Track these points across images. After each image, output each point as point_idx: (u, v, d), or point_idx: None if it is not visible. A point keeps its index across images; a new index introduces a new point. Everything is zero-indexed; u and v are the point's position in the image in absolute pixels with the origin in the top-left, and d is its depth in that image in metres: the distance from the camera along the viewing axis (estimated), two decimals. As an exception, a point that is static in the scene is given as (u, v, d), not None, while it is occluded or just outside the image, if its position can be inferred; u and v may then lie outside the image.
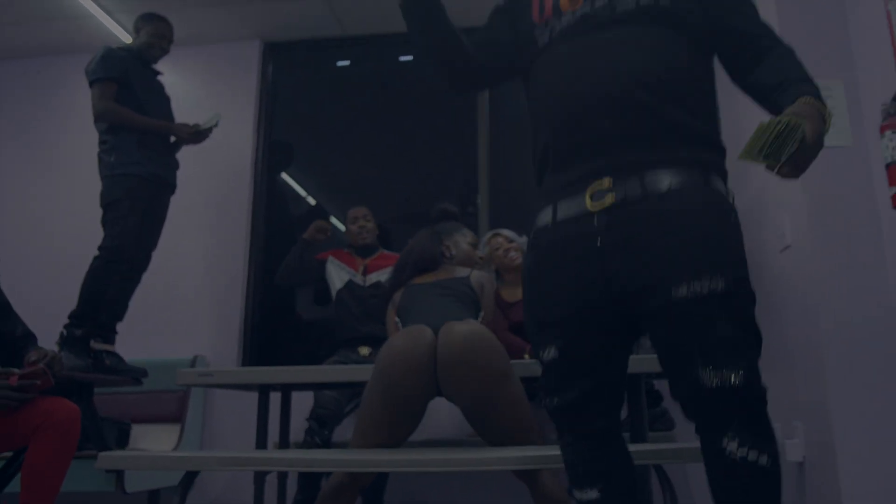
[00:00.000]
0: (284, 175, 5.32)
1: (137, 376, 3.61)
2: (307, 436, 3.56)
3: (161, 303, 4.48)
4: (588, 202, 1.68)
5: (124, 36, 4.85)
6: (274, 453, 2.71)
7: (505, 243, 3.90)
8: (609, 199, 1.66)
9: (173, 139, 3.91)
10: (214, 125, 3.93)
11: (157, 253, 3.84)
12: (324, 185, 5.53)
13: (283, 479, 3.55)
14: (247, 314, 4.74)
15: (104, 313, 3.57)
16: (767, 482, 1.57)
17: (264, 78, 5.17)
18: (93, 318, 3.50)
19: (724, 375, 1.53)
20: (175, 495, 2.61)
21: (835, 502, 2.95)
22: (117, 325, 3.68)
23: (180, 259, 4.64)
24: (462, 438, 3.74)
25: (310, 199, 5.52)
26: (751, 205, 3.54)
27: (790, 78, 1.72)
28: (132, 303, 3.73)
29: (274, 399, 3.34)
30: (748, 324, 1.62)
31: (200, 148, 4.03)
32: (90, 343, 3.49)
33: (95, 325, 3.51)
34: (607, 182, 1.67)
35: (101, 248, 3.58)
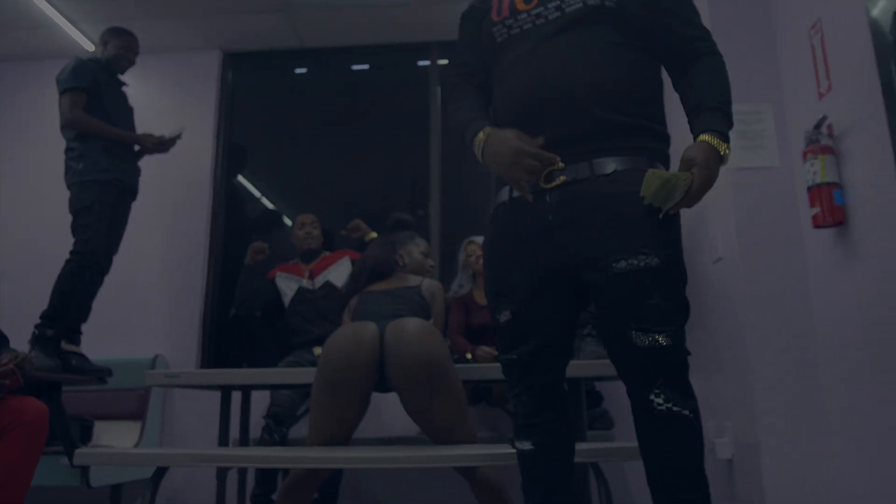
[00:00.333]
0: (242, 179, 5.43)
1: (102, 376, 3.69)
2: (264, 433, 3.71)
3: (122, 303, 4.56)
4: (542, 181, 1.86)
5: (87, 45, 4.95)
6: (238, 450, 2.84)
7: (478, 250, 4.11)
8: (560, 179, 1.84)
9: (138, 148, 4.01)
10: (178, 137, 4.04)
11: (119, 255, 3.91)
12: (280, 189, 5.66)
13: (244, 474, 3.69)
14: (205, 314, 4.85)
15: (73, 315, 3.67)
16: (689, 429, 1.76)
17: (224, 86, 5.28)
18: (63, 320, 3.59)
19: (654, 338, 1.74)
20: (137, 490, 2.72)
21: (759, 497, 3.19)
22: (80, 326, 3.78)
23: (141, 260, 4.73)
24: (413, 436, 3.90)
25: (266, 202, 5.64)
26: (689, 219, 3.76)
27: (704, 103, 1.89)
28: (94, 303, 3.81)
29: (233, 397, 3.48)
30: (677, 296, 1.81)
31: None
32: (61, 344, 3.59)
33: (65, 327, 3.61)
34: (560, 164, 1.84)
35: (74, 253, 3.65)
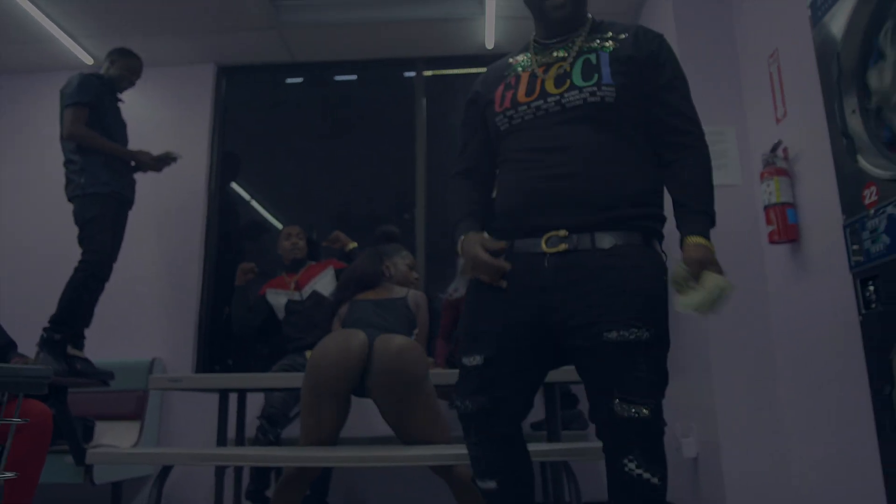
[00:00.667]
0: (236, 186, 5.61)
1: (105, 379, 3.88)
2: (259, 433, 3.87)
3: (121, 308, 4.69)
4: (543, 245, 1.95)
5: (86, 58, 5.14)
6: (238, 450, 3.01)
7: None
8: (562, 247, 1.92)
9: (133, 163, 4.16)
10: (173, 160, 4.24)
11: (118, 261, 4.04)
12: (271, 197, 5.83)
13: (240, 472, 3.87)
14: (201, 318, 5.01)
15: (79, 321, 3.85)
16: (655, 495, 1.89)
17: (218, 98, 5.45)
18: (71, 325, 3.77)
19: (636, 410, 1.82)
20: (136, 487, 2.84)
21: (720, 492, 3.42)
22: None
23: (139, 267, 4.88)
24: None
25: (259, 209, 5.81)
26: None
27: (688, 204, 2.00)
28: (95, 308, 3.95)
29: (227, 399, 3.67)
30: (662, 369, 1.90)
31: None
32: (67, 349, 3.78)
33: (72, 332, 3.79)
34: (563, 232, 1.93)
35: (83, 262, 3.81)
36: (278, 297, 4.50)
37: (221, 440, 3.48)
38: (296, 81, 5.76)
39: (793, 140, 3.20)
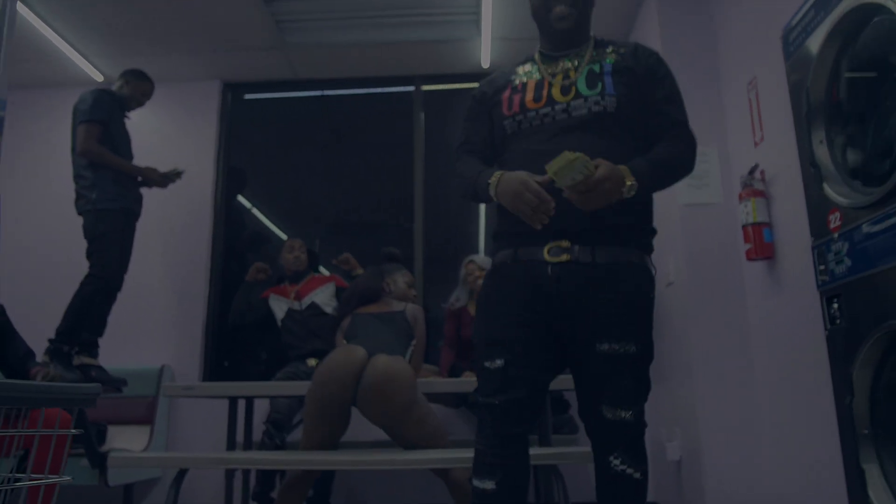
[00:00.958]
0: (241, 198, 5.77)
1: (118, 385, 4.05)
2: (265, 437, 4.05)
3: (131, 317, 4.82)
4: (545, 254, 2.06)
5: (97, 76, 5.32)
6: (251, 454, 3.16)
7: (476, 270, 4.54)
8: (564, 257, 2.04)
9: (140, 178, 4.32)
10: (179, 176, 4.40)
11: (129, 272, 4.19)
12: (275, 208, 5.99)
13: (248, 474, 4.03)
14: (207, 326, 5.17)
15: (87, 331, 4.01)
16: (638, 489, 2.09)
17: (223, 113, 5.61)
18: (77, 336, 3.94)
19: (621, 414, 2.02)
20: (146, 488, 2.97)
21: (700, 494, 3.60)
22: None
23: (148, 277, 5.04)
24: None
25: (263, 221, 5.96)
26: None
27: (645, 156, 2.09)
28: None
29: (237, 405, 3.84)
30: (645, 378, 2.09)
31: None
32: (73, 358, 3.95)
33: (81, 342, 3.96)
34: (566, 243, 2.05)
35: (90, 277, 3.97)
36: (280, 304, 4.67)
37: (231, 444, 3.65)
38: (298, 96, 5.92)
39: (769, 163, 3.37)
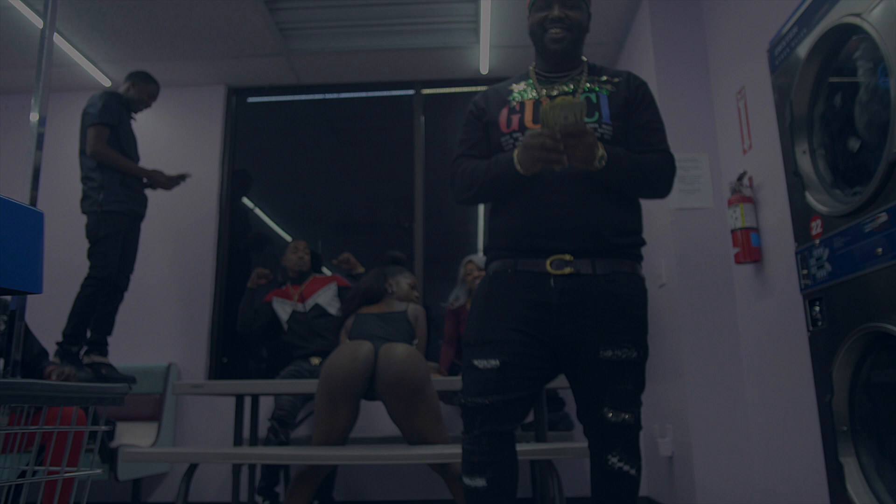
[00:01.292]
0: (245, 199, 5.89)
1: (128, 383, 4.17)
2: (270, 434, 4.19)
3: (139, 316, 4.97)
4: (548, 266, 2.16)
5: (104, 80, 5.43)
6: (258, 450, 3.23)
7: (475, 270, 4.68)
8: (567, 270, 2.15)
9: (146, 180, 4.43)
10: (183, 180, 4.51)
11: (136, 272, 4.35)
12: (279, 210, 6.12)
13: (254, 468, 4.15)
14: (213, 325, 5.28)
15: (94, 331, 4.13)
16: (632, 485, 2.22)
17: (228, 117, 5.72)
18: (83, 336, 4.07)
19: (622, 416, 2.14)
20: (153, 483, 3.08)
21: (691, 488, 3.72)
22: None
23: (155, 277, 5.18)
24: (400, 436, 4.41)
25: (267, 222, 6.08)
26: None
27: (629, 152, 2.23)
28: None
29: (243, 403, 3.96)
30: (642, 381, 2.21)
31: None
32: (82, 357, 4.07)
33: (89, 341, 4.08)
34: (568, 257, 2.16)
35: (91, 278, 4.07)
36: (284, 307, 4.78)
37: (237, 440, 3.77)
38: (301, 100, 6.03)
39: (757, 170, 3.48)
